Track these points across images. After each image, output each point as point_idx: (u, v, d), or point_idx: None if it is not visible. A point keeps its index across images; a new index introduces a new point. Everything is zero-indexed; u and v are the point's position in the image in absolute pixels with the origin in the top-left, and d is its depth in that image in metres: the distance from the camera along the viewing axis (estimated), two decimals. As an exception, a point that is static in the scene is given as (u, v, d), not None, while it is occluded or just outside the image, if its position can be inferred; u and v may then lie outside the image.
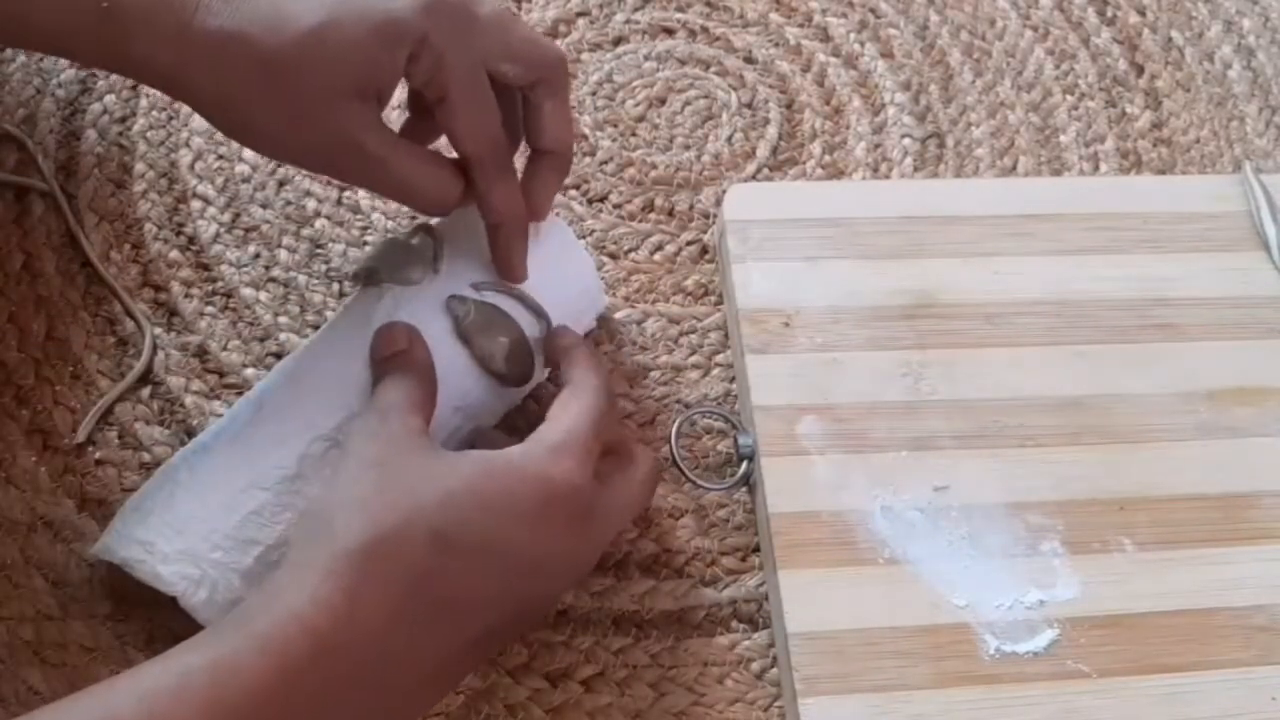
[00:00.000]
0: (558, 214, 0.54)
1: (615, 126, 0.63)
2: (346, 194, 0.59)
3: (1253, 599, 0.49)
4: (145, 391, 0.53)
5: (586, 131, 0.62)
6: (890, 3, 0.69)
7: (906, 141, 0.64)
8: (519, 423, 0.53)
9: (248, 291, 0.56)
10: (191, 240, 0.57)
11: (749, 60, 0.66)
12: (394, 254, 0.50)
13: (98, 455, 0.51)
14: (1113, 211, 0.59)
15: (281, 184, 0.59)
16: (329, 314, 0.55)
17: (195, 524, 0.44)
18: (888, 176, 0.63)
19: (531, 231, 0.51)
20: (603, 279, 0.57)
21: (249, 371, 0.54)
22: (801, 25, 0.68)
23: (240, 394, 0.53)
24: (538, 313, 0.50)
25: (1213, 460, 0.52)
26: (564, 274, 0.52)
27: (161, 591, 0.43)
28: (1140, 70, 0.68)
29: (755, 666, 0.49)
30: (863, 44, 0.68)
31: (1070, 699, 0.46)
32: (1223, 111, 0.67)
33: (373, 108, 0.45)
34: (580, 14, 0.67)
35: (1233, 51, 0.69)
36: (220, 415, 0.52)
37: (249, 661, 0.36)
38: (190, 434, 0.52)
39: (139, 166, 0.59)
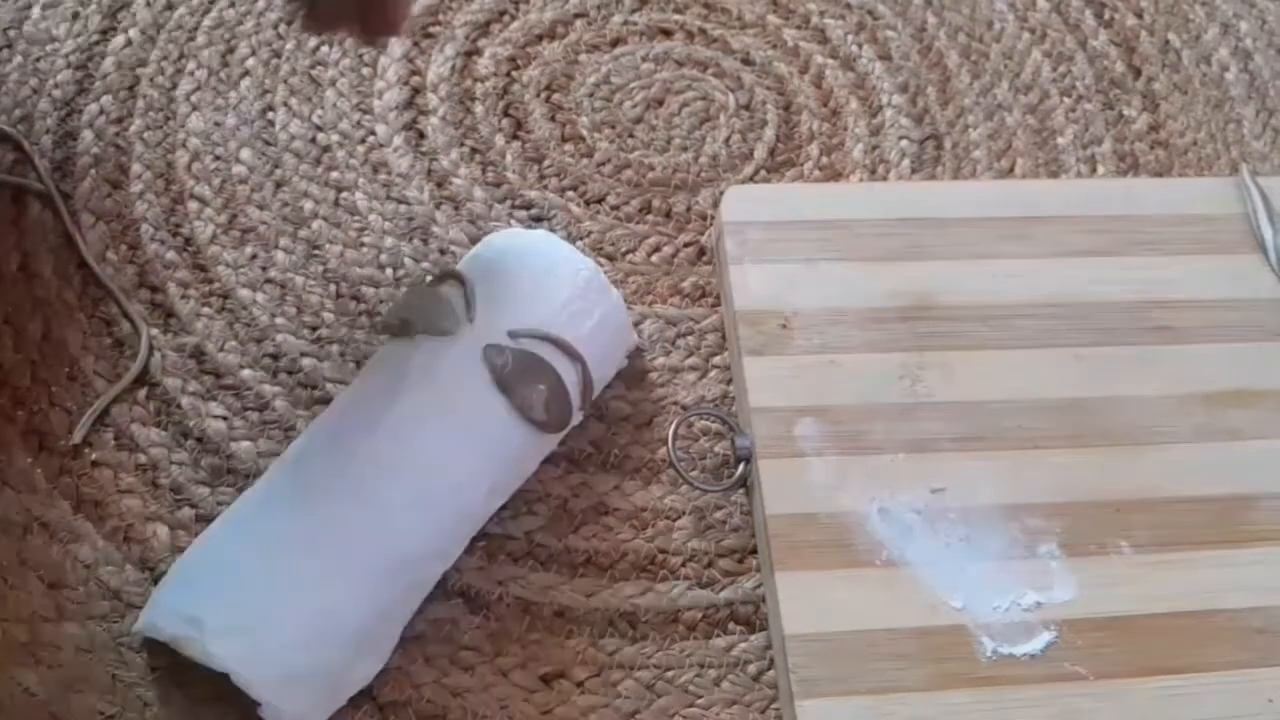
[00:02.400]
0: (581, 246, 0.54)
1: (613, 128, 0.63)
2: (344, 195, 0.59)
3: (1250, 601, 0.49)
4: (142, 393, 0.53)
5: (584, 133, 0.62)
6: (888, 5, 0.69)
7: (904, 143, 0.64)
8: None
9: (244, 293, 0.56)
10: (188, 241, 0.57)
11: (747, 62, 0.66)
12: (426, 304, 0.50)
13: (94, 456, 0.51)
14: (1110, 214, 0.59)
15: (279, 185, 0.59)
16: (326, 315, 0.55)
17: (243, 596, 0.43)
18: (885, 178, 0.63)
19: (566, 274, 0.51)
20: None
21: (246, 373, 0.53)
22: (799, 27, 0.68)
23: (237, 395, 0.53)
24: (573, 356, 0.50)
25: (1210, 463, 0.52)
26: (597, 315, 0.51)
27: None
28: (1138, 73, 0.68)
29: (752, 669, 0.48)
30: (860, 46, 0.68)
31: (1067, 701, 0.46)
32: (1220, 114, 0.67)
33: None
34: (578, 15, 0.67)
35: (1230, 54, 0.69)
36: (216, 415, 0.52)
37: None
38: (186, 435, 0.52)
39: (135, 167, 0.59)
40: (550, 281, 0.51)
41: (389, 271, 0.57)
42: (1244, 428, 0.53)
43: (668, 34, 0.67)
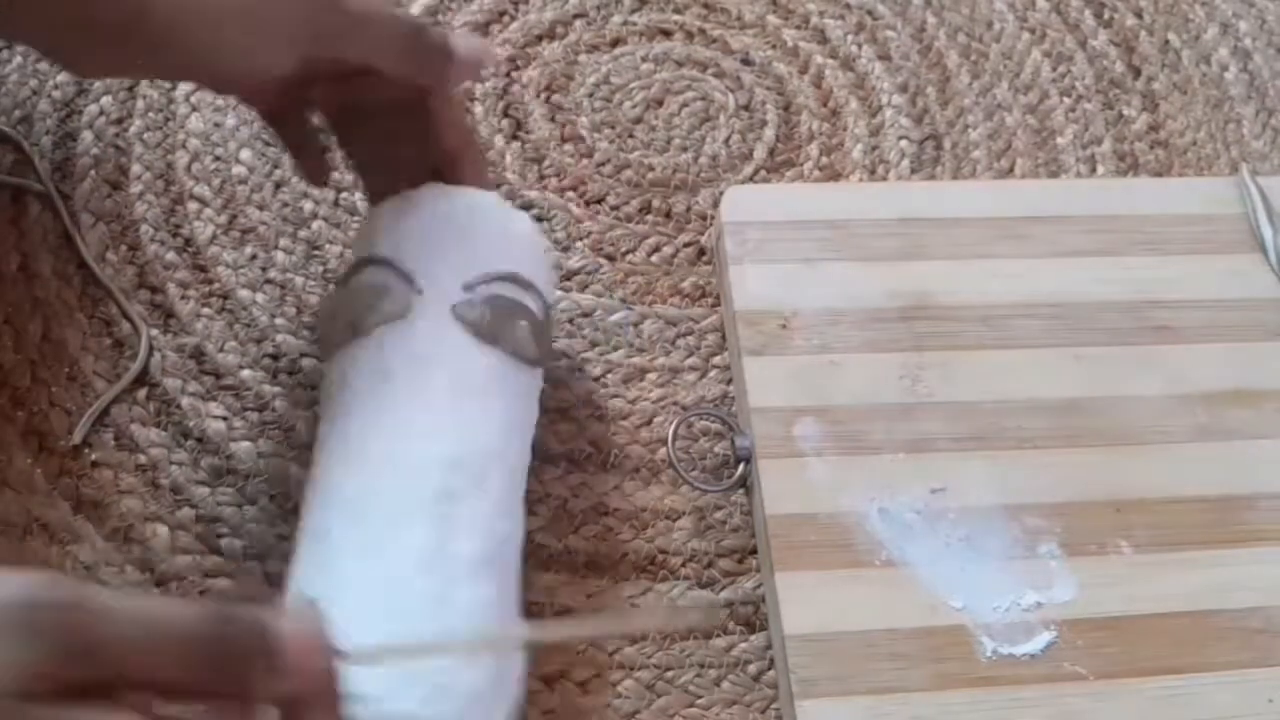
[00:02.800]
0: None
1: (612, 128, 0.63)
2: (344, 195, 0.59)
3: (1249, 601, 0.49)
4: (141, 393, 0.53)
5: (584, 133, 0.62)
6: (887, 5, 0.69)
7: (904, 143, 0.64)
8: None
9: (244, 293, 0.56)
10: (188, 241, 0.57)
11: (746, 62, 0.66)
12: (361, 299, 0.46)
13: (94, 457, 0.51)
14: (1110, 214, 0.59)
15: (278, 185, 0.59)
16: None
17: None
18: (885, 178, 0.63)
19: (473, 213, 0.49)
20: (600, 281, 0.57)
21: (245, 374, 0.53)
22: (799, 27, 0.68)
23: (236, 395, 0.53)
24: (526, 286, 0.48)
25: (1209, 462, 0.52)
26: (519, 237, 0.49)
27: None
28: (1137, 72, 0.68)
29: (752, 669, 0.48)
30: (860, 46, 0.68)
31: (1067, 701, 0.46)
32: (1219, 114, 0.67)
33: None
34: (577, 15, 0.67)
35: (1229, 54, 0.69)
36: (216, 416, 0.52)
37: None
38: (186, 435, 0.52)
39: (135, 168, 0.59)
40: (464, 225, 0.48)
41: (389, 272, 0.57)
42: (1243, 427, 0.53)
43: (667, 34, 0.67)
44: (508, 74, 0.64)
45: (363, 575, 0.41)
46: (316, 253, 0.57)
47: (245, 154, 0.60)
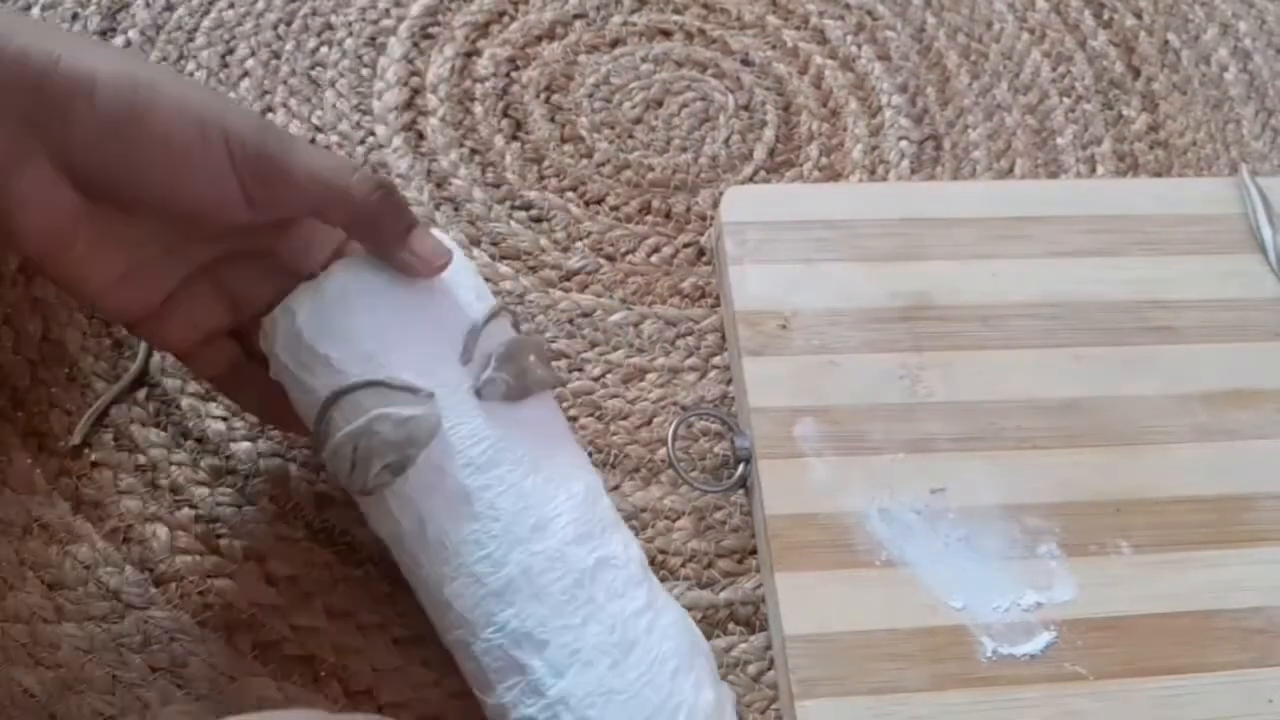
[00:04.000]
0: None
1: (612, 129, 0.63)
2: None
3: (1249, 601, 0.49)
4: (141, 394, 0.53)
5: (584, 134, 0.62)
6: (887, 5, 0.69)
7: (903, 144, 0.64)
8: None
9: (244, 293, 0.56)
10: (188, 242, 0.57)
11: (746, 62, 0.66)
12: (382, 436, 0.42)
13: (93, 458, 0.51)
14: (1109, 214, 0.59)
15: (278, 185, 0.59)
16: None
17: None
18: (885, 179, 0.63)
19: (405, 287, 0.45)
20: (600, 281, 0.57)
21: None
22: (798, 28, 0.68)
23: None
24: (500, 312, 0.46)
25: (1209, 463, 0.52)
26: (454, 271, 0.45)
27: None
28: (1137, 73, 0.68)
29: (752, 669, 0.48)
30: (860, 46, 0.68)
31: (1067, 701, 0.46)
32: (1219, 114, 0.67)
33: None
34: (577, 16, 0.67)
35: (1229, 54, 0.69)
36: (216, 416, 0.52)
37: None
38: (186, 435, 0.51)
39: (135, 168, 0.59)
40: (411, 299, 0.44)
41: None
42: (1242, 428, 0.53)
43: (667, 35, 0.67)
44: (508, 74, 0.64)
45: (593, 683, 0.41)
46: (316, 253, 0.57)
47: (245, 154, 0.60)
